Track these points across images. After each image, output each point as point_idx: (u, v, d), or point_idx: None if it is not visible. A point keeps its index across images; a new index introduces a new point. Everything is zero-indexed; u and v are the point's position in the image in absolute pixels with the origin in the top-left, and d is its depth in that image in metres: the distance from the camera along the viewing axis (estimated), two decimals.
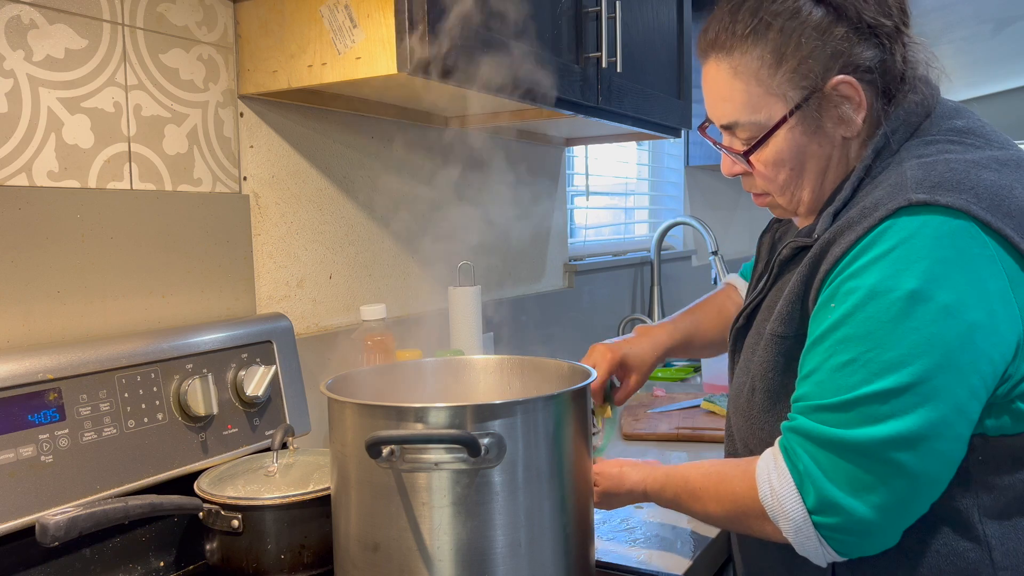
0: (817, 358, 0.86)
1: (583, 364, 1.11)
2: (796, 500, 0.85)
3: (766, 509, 0.87)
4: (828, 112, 0.93)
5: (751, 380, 0.98)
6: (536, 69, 1.35)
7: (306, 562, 1.03)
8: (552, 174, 2.21)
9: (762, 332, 0.98)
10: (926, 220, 0.82)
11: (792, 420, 0.88)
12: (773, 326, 0.95)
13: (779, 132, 0.94)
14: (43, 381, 0.97)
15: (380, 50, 1.15)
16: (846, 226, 0.87)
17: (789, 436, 0.87)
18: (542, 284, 2.19)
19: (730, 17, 0.95)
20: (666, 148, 3.07)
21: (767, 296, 1.01)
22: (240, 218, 1.32)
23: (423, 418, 0.85)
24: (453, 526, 0.86)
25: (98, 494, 1.00)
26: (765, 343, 0.96)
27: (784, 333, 0.93)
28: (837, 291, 0.85)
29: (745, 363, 1.01)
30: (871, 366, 0.81)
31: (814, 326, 0.88)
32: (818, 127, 0.94)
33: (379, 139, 1.59)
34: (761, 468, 0.89)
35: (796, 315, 0.92)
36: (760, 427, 0.97)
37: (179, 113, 1.23)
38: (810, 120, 0.93)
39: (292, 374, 1.29)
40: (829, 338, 0.85)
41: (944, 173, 0.85)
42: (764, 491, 0.87)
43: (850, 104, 0.92)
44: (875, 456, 0.81)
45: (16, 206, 1.03)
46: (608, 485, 1.06)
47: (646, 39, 1.79)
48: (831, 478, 0.83)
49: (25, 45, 1.04)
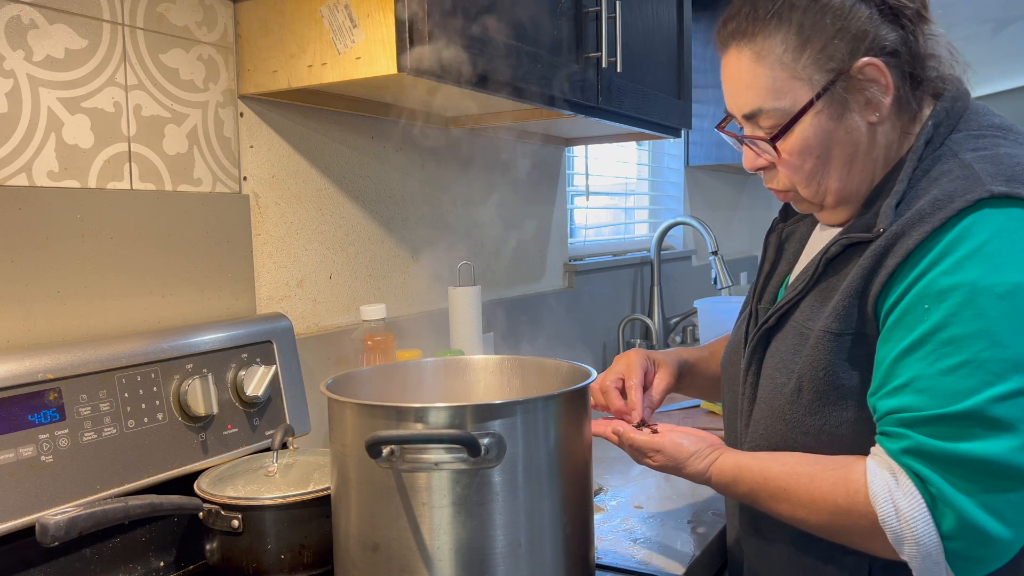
0: (918, 365, 0.82)
1: (616, 367, 1.11)
2: (928, 525, 0.80)
3: (888, 531, 0.82)
4: (854, 96, 0.91)
5: (796, 380, 0.94)
6: (536, 69, 1.35)
7: (306, 562, 1.03)
8: (552, 174, 2.21)
9: (807, 330, 0.95)
10: (1011, 213, 0.81)
11: (902, 437, 0.83)
12: (827, 323, 0.91)
13: (805, 118, 0.92)
14: (43, 381, 0.97)
15: (380, 50, 1.15)
16: (917, 219, 0.85)
17: (908, 457, 0.82)
18: (542, 284, 2.19)
19: (751, 4, 0.94)
20: (666, 148, 3.07)
21: (808, 294, 0.97)
22: (240, 218, 1.32)
23: (423, 418, 0.85)
24: (453, 526, 0.86)
25: (98, 494, 1.00)
26: (816, 341, 0.92)
27: (840, 330, 0.90)
28: (927, 291, 0.82)
29: (783, 363, 0.97)
30: (990, 366, 0.78)
31: (900, 331, 0.84)
32: (844, 112, 0.92)
33: (379, 139, 1.59)
34: (878, 486, 0.83)
35: (854, 311, 0.89)
36: (803, 430, 0.94)
37: (179, 113, 1.23)
38: (836, 104, 0.91)
39: (292, 374, 1.29)
40: (930, 341, 0.81)
41: (1012, 166, 0.85)
42: (887, 512, 0.82)
43: (877, 87, 0.91)
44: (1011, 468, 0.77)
45: (16, 206, 1.03)
46: (665, 462, 1.01)
47: (646, 39, 1.78)
48: (971, 500, 0.78)
49: (25, 45, 1.04)
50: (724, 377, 1.14)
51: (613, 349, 2.54)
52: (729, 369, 1.12)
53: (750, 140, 0.97)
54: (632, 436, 1.03)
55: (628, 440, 1.03)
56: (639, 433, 1.03)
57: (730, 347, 1.14)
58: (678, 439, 1.00)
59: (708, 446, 1.00)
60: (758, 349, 1.02)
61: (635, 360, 1.17)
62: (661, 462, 1.01)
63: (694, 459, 0.99)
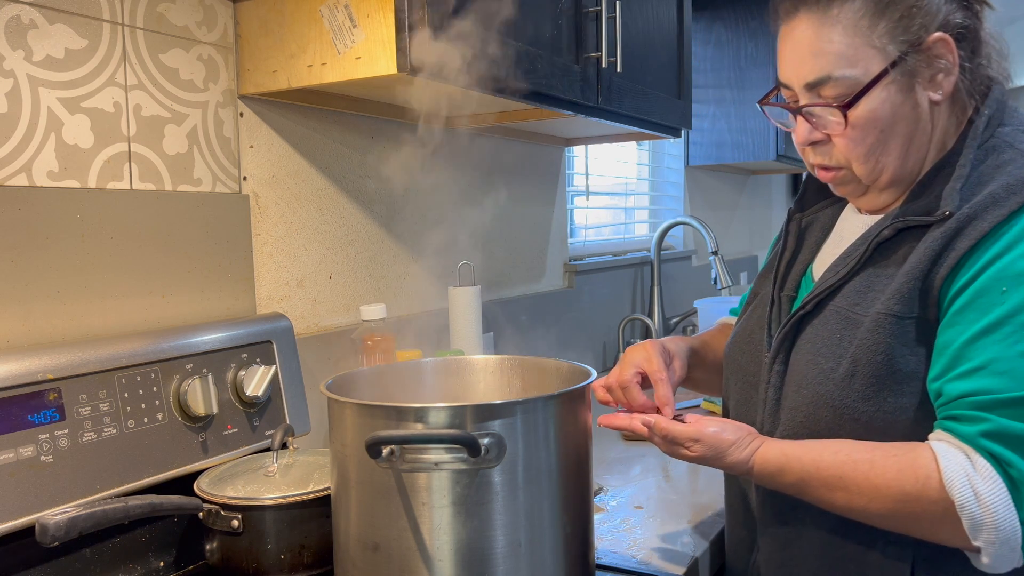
0: (995, 347, 0.81)
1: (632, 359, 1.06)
2: (1009, 509, 0.79)
3: (966, 518, 0.81)
4: (922, 72, 0.91)
5: (849, 365, 0.91)
6: (536, 69, 1.35)
7: (306, 562, 1.03)
8: (552, 174, 2.21)
9: (855, 315, 0.92)
10: None
11: (979, 420, 0.82)
12: (887, 305, 0.89)
13: (875, 88, 0.91)
14: (43, 381, 0.97)
15: (380, 50, 1.15)
16: (990, 202, 0.85)
17: (987, 440, 0.81)
18: (542, 284, 2.19)
19: None
20: (666, 148, 3.07)
21: (853, 278, 0.95)
22: (240, 218, 1.32)
23: (423, 418, 0.85)
24: (453, 526, 0.86)
25: (98, 494, 1.00)
26: (874, 325, 0.89)
27: (902, 313, 0.88)
28: (1005, 273, 0.82)
29: (827, 349, 0.94)
30: None
31: (972, 314, 0.84)
32: (912, 88, 0.92)
33: (379, 139, 1.59)
34: (953, 471, 0.82)
35: (916, 294, 0.88)
36: (854, 417, 0.91)
37: (179, 113, 1.23)
38: (906, 78, 0.91)
39: (292, 374, 1.29)
40: (1009, 323, 0.81)
41: None
42: (965, 497, 0.80)
43: (943, 65, 0.91)
44: None
45: (16, 206, 1.02)
46: (704, 452, 0.95)
47: (646, 39, 1.78)
48: None
49: (25, 45, 1.04)
50: (731, 368, 1.11)
51: (613, 349, 2.54)
52: (740, 360, 1.09)
53: (809, 110, 0.95)
54: (667, 427, 0.96)
55: (662, 431, 0.96)
56: (674, 423, 0.96)
57: (739, 338, 1.11)
58: (717, 428, 0.95)
59: (748, 434, 0.95)
60: (788, 336, 0.99)
61: (653, 352, 1.08)
62: (700, 452, 0.95)
63: (735, 448, 0.94)
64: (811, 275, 1.06)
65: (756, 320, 1.09)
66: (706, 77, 2.92)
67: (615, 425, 1.02)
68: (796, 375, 0.98)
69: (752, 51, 2.84)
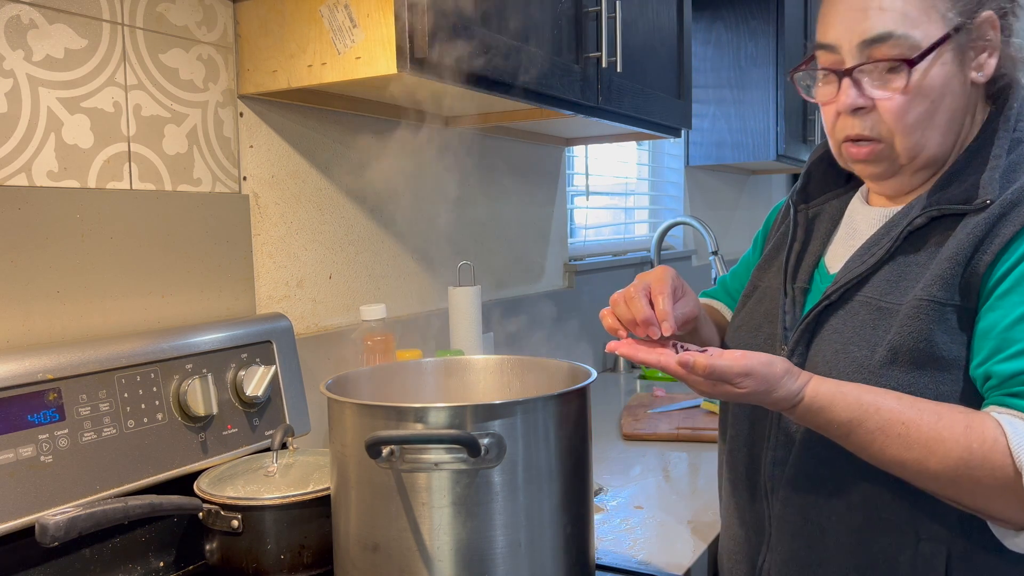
0: None
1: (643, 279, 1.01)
2: None
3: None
4: (971, 48, 0.91)
5: (887, 351, 0.89)
6: (536, 69, 1.35)
7: (306, 562, 1.03)
8: (552, 174, 2.21)
9: (887, 304, 0.91)
10: None
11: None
12: (929, 291, 0.88)
13: (934, 55, 0.89)
14: (43, 381, 0.97)
15: (380, 50, 1.15)
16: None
17: None
18: (542, 284, 2.19)
19: None
20: (666, 148, 3.07)
21: (882, 268, 0.94)
22: (240, 218, 1.32)
23: (423, 418, 0.85)
24: (453, 526, 0.86)
25: (98, 494, 1.00)
26: (913, 310, 0.88)
27: (943, 299, 0.87)
28: None
29: (859, 338, 0.92)
30: None
31: (1016, 297, 0.84)
32: (963, 62, 0.91)
33: (379, 139, 1.59)
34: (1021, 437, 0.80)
35: (957, 280, 0.87)
36: None
37: (179, 113, 1.23)
38: (959, 51, 0.91)
39: (292, 374, 1.29)
40: None
41: None
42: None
43: (990, 45, 0.91)
44: None
45: (16, 206, 1.02)
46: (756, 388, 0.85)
47: (646, 39, 1.79)
48: None
49: (25, 45, 1.04)
50: None
51: None
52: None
53: (865, 69, 0.92)
54: (710, 363, 0.83)
55: (705, 368, 0.84)
56: (717, 359, 0.84)
57: (744, 331, 1.09)
58: (766, 359, 0.85)
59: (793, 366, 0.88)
60: (809, 328, 0.98)
61: (664, 274, 1.01)
62: (751, 388, 0.85)
63: (788, 379, 0.86)
64: (824, 267, 1.05)
65: (763, 313, 1.07)
66: (706, 77, 2.92)
67: (636, 358, 0.90)
68: (822, 366, 0.94)
69: (752, 51, 2.84)
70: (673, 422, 1.77)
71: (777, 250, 1.11)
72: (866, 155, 0.96)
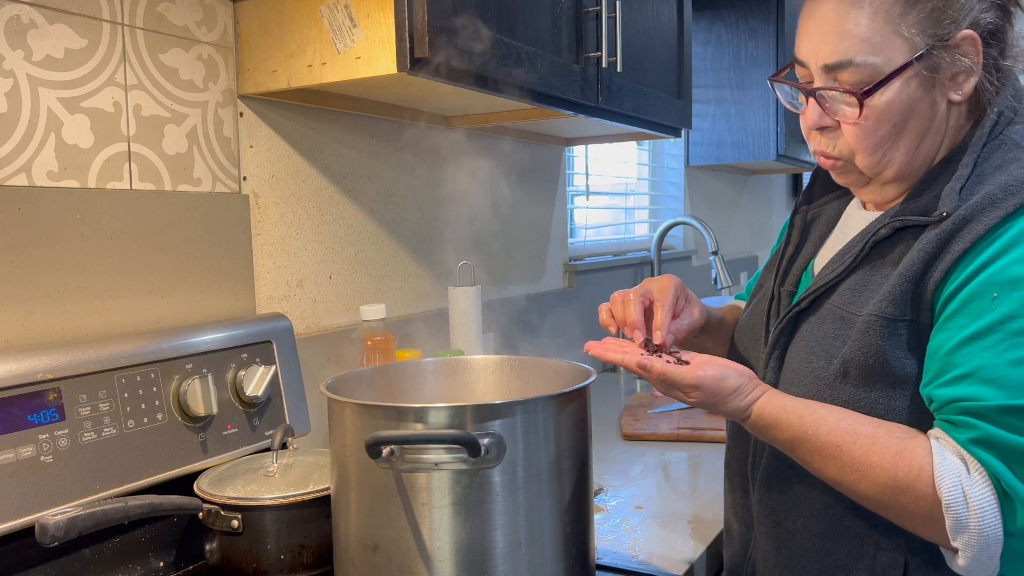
0: (984, 354, 0.80)
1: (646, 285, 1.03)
2: (996, 518, 0.79)
3: (950, 518, 0.80)
4: (945, 70, 0.89)
5: (840, 365, 0.90)
6: (536, 69, 1.35)
7: (306, 562, 1.03)
8: (552, 174, 2.21)
9: (849, 314, 0.91)
10: None
11: (969, 427, 0.81)
12: (880, 307, 0.87)
13: (896, 80, 0.88)
14: (43, 381, 0.97)
15: (380, 50, 1.15)
16: (987, 203, 0.83)
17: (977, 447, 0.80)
18: (542, 284, 2.19)
19: None
20: (666, 148, 3.07)
21: (848, 276, 0.94)
22: (240, 218, 1.31)
23: (423, 418, 0.85)
24: (453, 526, 0.86)
25: (98, 494, 1.00)
26: (865, 325, 0.88)
27: (894, 315, 0.87)
28: (996, 279, 0.81)
29: (820, 347, 0.93)
30: None
31: (962, 319, 0.82)
32: (932, 84, 0.89)
33: (379, 139, 1.59)
34: (946, 470, 0.81)
35: (909, 296, 0.86)
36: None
37: (179, 113, 1.23)
38: (928, 74, 0.89)
39: (292, 374, 1.29)
40: (999, 331, 0.80)
41: None
42: (953, 498, 0.80)
43: (967, 64, 0.89)
44: None
45: (16, 206, 1.02)
46: (703, 399, 0.91)
47: (646, 39, 1.78)
48: None
49: (25, 45, 1.04)
50: (733, 359, 1.08)
51: None
52: (741, 353, 1.08)
53: (824, 93, 0.92)
54: (664, 370, 0.90)
55: (660, 374, 0.90)
56: (672, 367, 0.91)
57: (742, 330, 1.10)
58: (717, 373, 0.90)
59: (749, 380, 0.92)
60: (784, 332, 0.99)
61: (668, 284, 1.04)
62: (699, 399, 0.91)
63: (735, 395, 0.91)
64: (811, 270, 1.05)
65: (758, 315, 1.08)
66: (706, 77, 2.92)
67: (605, 357, 0.94)
68: (789, 373, 0.97)
69: (752, 51, 2.84)
70: (673, 422, 1.77)
71: (778, 251, 1.12)
72: (831, 167, 0.98)
